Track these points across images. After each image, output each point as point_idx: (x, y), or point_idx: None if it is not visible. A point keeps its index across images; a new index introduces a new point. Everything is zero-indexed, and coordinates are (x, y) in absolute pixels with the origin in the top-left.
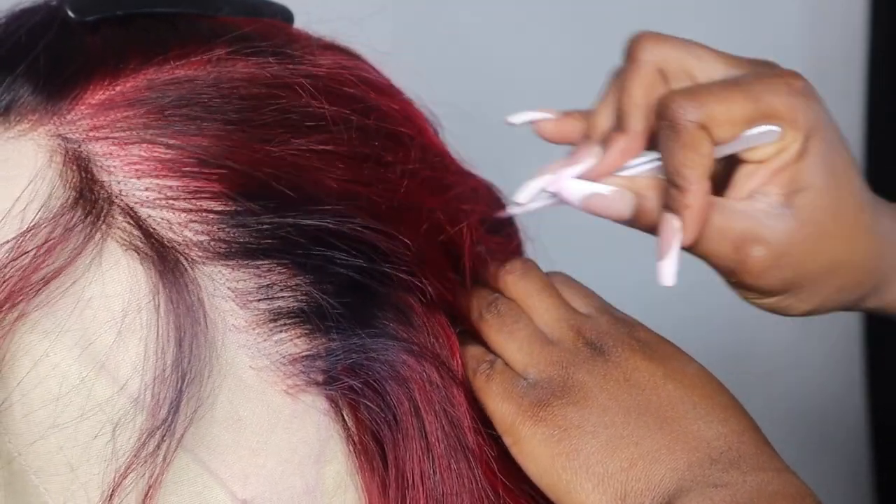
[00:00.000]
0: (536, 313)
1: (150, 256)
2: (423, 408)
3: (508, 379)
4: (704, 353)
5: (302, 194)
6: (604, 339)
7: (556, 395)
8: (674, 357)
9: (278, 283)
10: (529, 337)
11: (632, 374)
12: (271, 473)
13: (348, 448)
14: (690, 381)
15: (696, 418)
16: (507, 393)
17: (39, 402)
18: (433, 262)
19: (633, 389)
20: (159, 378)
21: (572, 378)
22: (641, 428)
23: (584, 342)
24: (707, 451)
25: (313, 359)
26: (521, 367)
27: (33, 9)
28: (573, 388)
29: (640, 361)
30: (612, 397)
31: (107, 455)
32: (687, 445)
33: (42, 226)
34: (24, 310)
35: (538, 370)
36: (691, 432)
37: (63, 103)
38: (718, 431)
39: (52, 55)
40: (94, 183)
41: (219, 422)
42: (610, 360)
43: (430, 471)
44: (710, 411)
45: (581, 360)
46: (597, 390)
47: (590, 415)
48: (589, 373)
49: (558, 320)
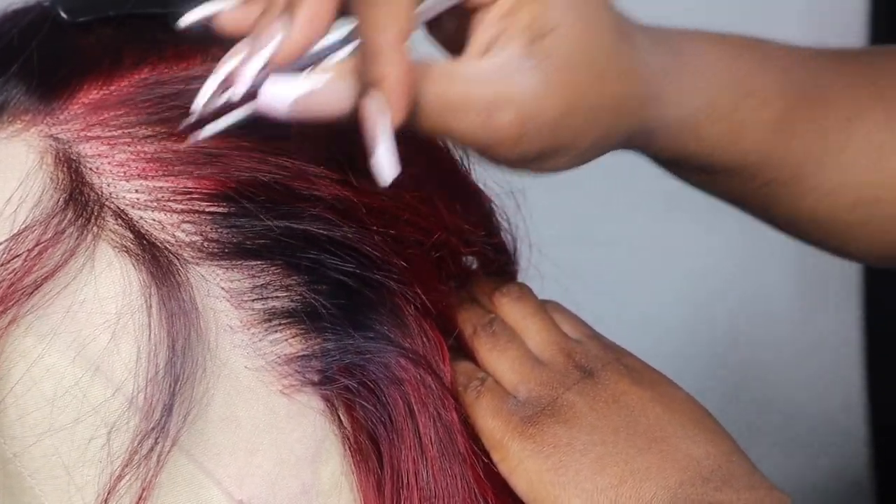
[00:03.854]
0: (528, 335)
1: (142, 258)
2: (417, 409)
3: (498, 396)
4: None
5: (294, 197)
6: (593, 362)
7: (545, 414)
8: (661, 382)
9: (272, 284)
10: (521, 357)
11: (620, 396)
12: (268, 474)
13: (344, 448)
14: (678, 406)
15: (685, 438)
16: (497, 410)
17: (34, 405)
18: (424, 273)
19: (621, 410)
20: (152, 380)
21: (562, 398)
22: (631, 447)
23: (575, 365)
24: (698, 470)
25: (308, 359)
26: (511, 385)
27: (25, 9)
28: (563, 408)
29: (628, 385)
30: (601, 417)
31: (102, 457)
32: (677, 464)
33: (33, 228)
34: (18, 313)
35: (528, 389)
36: (681, 451)
37: (56, 103)
38: (707, 451)
39: (45, 56)
40: (85, 185)
41: (214, 422)
42: (599, 383)
43: (424, 471)
44: (699, 433)
45: (571, 382)
46: (586, 410)
47: (579, 433)
48: (578, 394)
49: (550, 343)
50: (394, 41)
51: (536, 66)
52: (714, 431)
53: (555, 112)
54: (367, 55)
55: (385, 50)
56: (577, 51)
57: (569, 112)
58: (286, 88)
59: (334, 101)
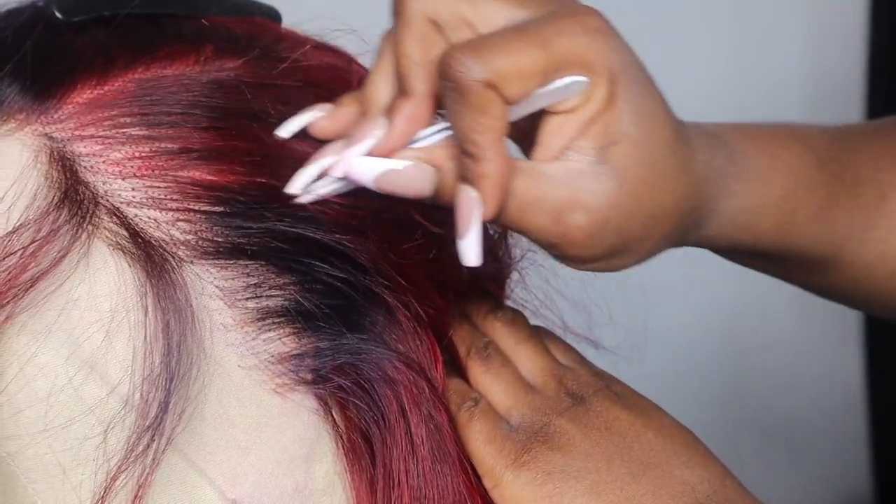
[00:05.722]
0: (521, 361)
1: (137, 256)
2: (409, 409)
3: (491, 420)
4: (704, 353)
5: (288, 198)
6: (584, 389)
7: (538, 441)
8: (651, 409)
9: (266, 283)
10: (514, 382)
11: (613, 423)
12: (261, 473)
13: (337, 447)
14: (668, 432)
15: (679, 464)
16: (490, 435)
17: (27, 404)
18: (418, 284)
19: (614, 437)
20: (148, 378)
21: (553, 423)
22: (625, 474)
23: (566, 392)
24: (693, 496)
25: (302, 358)
26: (503, 409)
27: (19, 9)
28: (555, 435)
29: (619, 412)
30: (594, 444)
31: (98, 457)
32: (672, 490)
33: (28, 226)
34: (12, 311)
35: (520, 414)
36: (675, 477)
37: (51, 102)
38: (701, 476)
39: (39, 55)
40: (79, 183)
41: (208, 421)
42: (591, 410)
43: (414, 471)
44: (692, 458)
45: (563, 409)
46: (579, 437)
47: (573, 460)
48: (571, 420)
49: (542, 369)
50: (493, 143)
51: (607, 171)
52: (705, 456)
53: (623, 214)
54: (467, 152)
55: (486, 153)
56: (644, 157)
57: (636, 214)
58: (371, 165)
59: (416, 183)
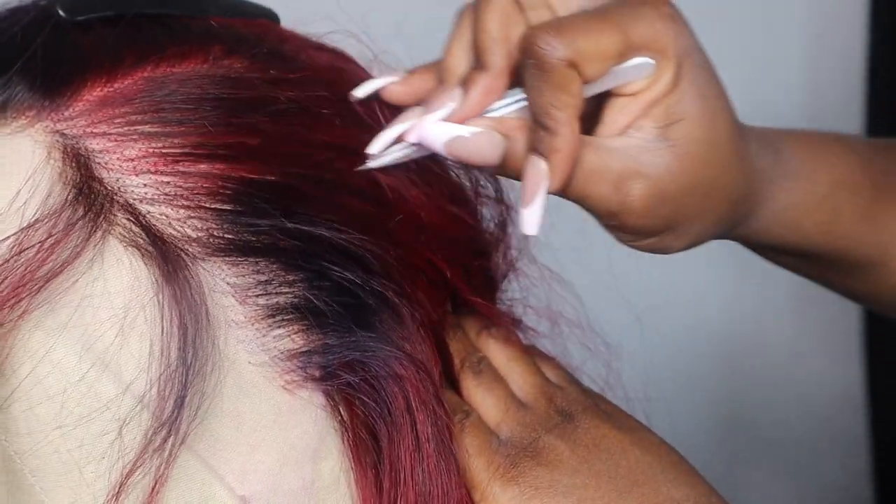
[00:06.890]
0: (512, 378)
1: (151, 253)
2: (415, 406)
3: (482, 433)
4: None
5: (297, 197)
6: (573, 406)
7: (527, 456)
8: (638, 428)
9: (276, 280)
10: (505, 398)
11: (601, 440)
12: (269, 469)
13: (344, 443)
14: (656, 450)
15: (665, 481)
16: (480, 448)
17: (40, 400)
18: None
19: (602, 454)
20: (165, 375)
21: (542, 440)
22: (612, 491)
23: (556, 410)
24: None
25: (310, 354)
26: (494, 423)
27: (24, 7)
28: (544, 450)
29: (607, 430)
30: (582, 461)
31: (113, 454)
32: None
33: (42, 222)
34: (27, 307)
35: (510, 429)
36: (661, 494)
37: (60, 100)
38: (687, 493)
39: (47, 53)
40: (94, 180)
41: (219, 418)
42: (579, 427)
43: (419, 468)
44: (678, 476)
45: (552, 425)
46: (567, 453)
47: (561, 476)
48: (559, 437)
49: (533, 386)
50: (570, 119)
51: (668, 147)
52: (691, 474)
53: (679, 188)
54: (543, 126)
55: (563, 128)
56: (703, 137)
57: (691, 190)
58: (444, 129)
59: (486, 151)
